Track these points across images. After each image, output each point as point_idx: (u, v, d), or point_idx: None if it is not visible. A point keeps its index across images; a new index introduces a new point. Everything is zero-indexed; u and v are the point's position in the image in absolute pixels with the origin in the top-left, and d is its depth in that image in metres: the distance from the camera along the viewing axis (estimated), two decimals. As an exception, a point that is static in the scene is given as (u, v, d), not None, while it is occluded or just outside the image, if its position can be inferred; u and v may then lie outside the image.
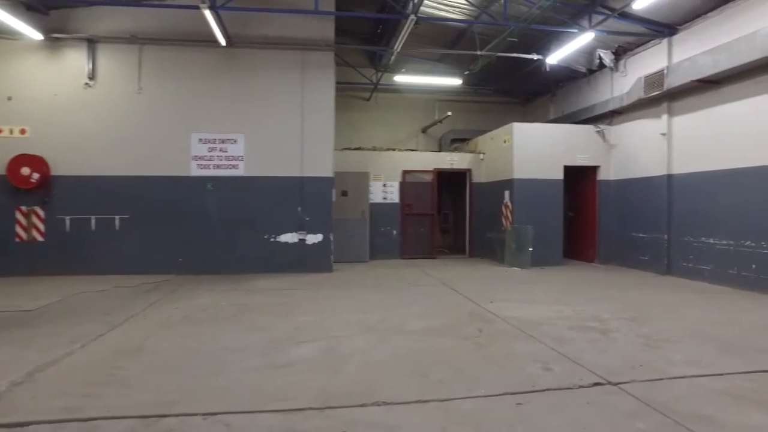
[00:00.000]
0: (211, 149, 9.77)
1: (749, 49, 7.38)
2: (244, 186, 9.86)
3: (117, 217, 9.36)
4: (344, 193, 11.75)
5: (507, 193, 11.05)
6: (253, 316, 6.10)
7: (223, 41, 9.13)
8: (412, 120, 15.20)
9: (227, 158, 9.83)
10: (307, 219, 10.00)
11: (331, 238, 10.09)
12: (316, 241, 10.03)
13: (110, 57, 9.40)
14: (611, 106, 10.66)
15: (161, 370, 4.09)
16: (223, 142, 9.80)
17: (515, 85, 14.23)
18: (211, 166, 9.77)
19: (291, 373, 4.02)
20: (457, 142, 14.92)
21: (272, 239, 9.91)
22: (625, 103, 10.16)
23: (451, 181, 14.61)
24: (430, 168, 12.43)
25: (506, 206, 11.08)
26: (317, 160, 10.02)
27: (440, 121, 13.52)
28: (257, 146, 9.88)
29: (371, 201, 12.16)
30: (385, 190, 12.30)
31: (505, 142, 11.20)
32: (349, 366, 4.22)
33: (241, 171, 9.87)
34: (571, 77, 12.45)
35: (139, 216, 9.44)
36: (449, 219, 15.18)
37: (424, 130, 15.17)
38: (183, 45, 9.55)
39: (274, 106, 9.93)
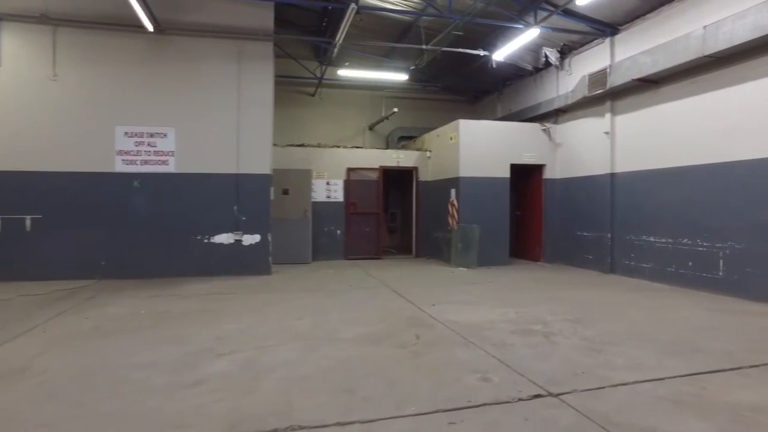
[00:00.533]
0: (139, 144, 9.01)
1: (685, 50, 7.42)
2: (174, 183, 9.16)
3: (28, 217, 8.46)
4: (285, 192, 11.22)
5: (453, 192, 10.84)
6: (172, 326, 5.53)
7: (150, 27, 8.41)
8: (358, 117, 14.81)
9: (156, 153, 9.10)
10: (244, 219, 9.42)
11: (270, 238, 9.55)
12: (253, 242, 9.46)
13: (17, 37, 8.46)
14: (557, 105, 10.63)
15: (41, 395, 3.50)
16: (151, 136, 9.07)
17: (463, 83, 14.10)
18: (138, 162, 9.01)
19: (198, 393, 3.53)
20: (405, 139, 14.66)
21: (206, 240, 9.26)
22: (570, 101, 10.14)
23: (398, 180, 14.31)
24: (376, 166, 12.07)
25: (452, 205, 10.86)
26: (255, 157, 9.46)
27: (387, 118, 13.19)
28: (189, 141, 9.20)
29: (314, 200, 11.68)
30: (329, 189, 11.85)
31: (451, 139, 10.99)
32: (268, 382, 3.76)
33: (171, 167, 9.17)
34: (518, 75, 12.40)
35: (55, 216, 8.57)
36: (397, 218, 14.88)
37: (371, 128, 14.81)
38: (105, 29, 8.74)
39: (208, 99, 9.28)
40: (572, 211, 10.58)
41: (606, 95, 9.28)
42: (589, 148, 10.00)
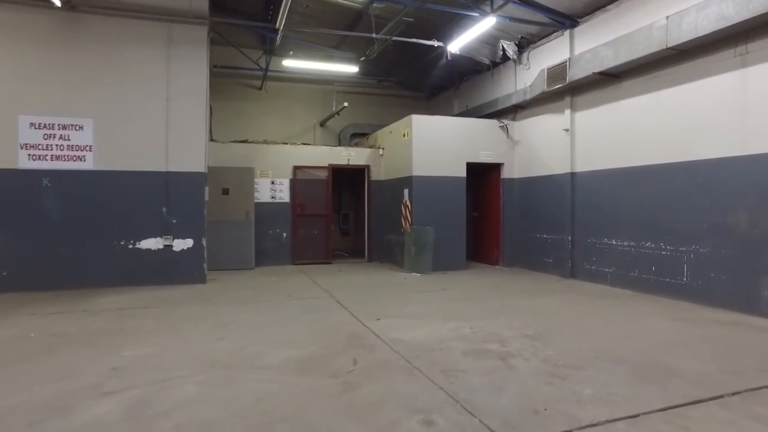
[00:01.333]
0: (48, 136, 7.91)
1: (647, 41, 6.97)
2: (93, 182, 8.10)
3: None
4: (225, 192, 10.28)
5: (406, 192, 10.16)
6: (63, 353, 4.59)
7: (57, 1, 7.35)
8: (308, 112, 13.97)
9: (70, 148, 8.01)
10: (175, 221, 8.44)
11: (204, 243, 8.61)
12: (185, 248, 8.50)
13: None
14: (515, 100, 10.12)
15: None
16: (64, 128, 7.98)
17: (418, 77, 13.47)
18: (48, 157, 7.90)
19: (50, 459, 2.67)
20: (358, 137, 13.91)
21: (130, 246, 8.24)
22: (528, 96, 9.64)
23: (351, 179, 13.59)
24: (325, 164, 11.27)
25: (405, 206, 10.19)
26: (186, 153, 8.50)
27: (337, 113, 12.41)
28: (110, 134, 8.16)
29: (258, 200, 10.78)
30: (274, 189, 10.97)
31: (404, 135, 10.31)
32: (153, 436, 2.94)
33: (89, 164, 8.10)
34: (475, 70, 11.87)
35: (-55, 219, 7.39)
36: (350, 220, 14.13)
37: (322, 124, 14.00)
38: (2, 2, 7.61)
39: (133, 87, 8.26)
40: (531, 213, 10.09)
41: (565, 90, 8.80)
42: (549, 146, 9.53)
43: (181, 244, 8.50)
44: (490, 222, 10.93)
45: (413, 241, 9.75)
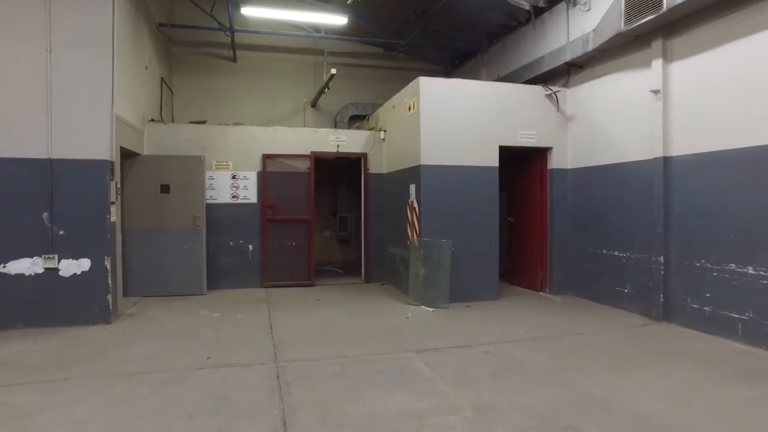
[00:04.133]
0: None
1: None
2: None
3: None
4: (164, 189, 7.48)
5: (413, 188, 7.17)
6: None
7: None
8: (296, 91, 11.09)
9: None
10: (62, 233, 5.69)
11: (109, 264, 5.81)
12: (78, 272, 5.73)
13: None
14: (568, 56, 7.00)
15: None
16: None
17: (433, 40, 10.42)
18: None
19: None
20: (359, 120, 10.97)
21: (-5, 270, 5.53)
22: (591, 47, 6.52)
23: (350, 172, 10.70)
24: (306, 152, 8.34)
25: (412, 207, 7.20)
26: (81, 131, 5.74)
27: (327, 86, 9.46)
28: (-37, 103, 5.46)
29: (213, 201, 7.97)
30: (236, 185, 8.12)
31: (409, 109, 7.32)
32: None
33: (-70, 148, 5.42)
34: (509, 26, 8.78)
35: None
36: (349, 225, 11.19)
37: (313, 104, 11.10)
38: None
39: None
40: (594, 218, 6.97)
41: (655, 29, 5.68)
42: (623, 120, 6.41)
43: (73, 267, 5.72)
44: (532, 230, 7.83)
45: (421, 260, 6.75)
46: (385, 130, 8.66)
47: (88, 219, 5.77)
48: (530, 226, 7.87)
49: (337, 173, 11.00)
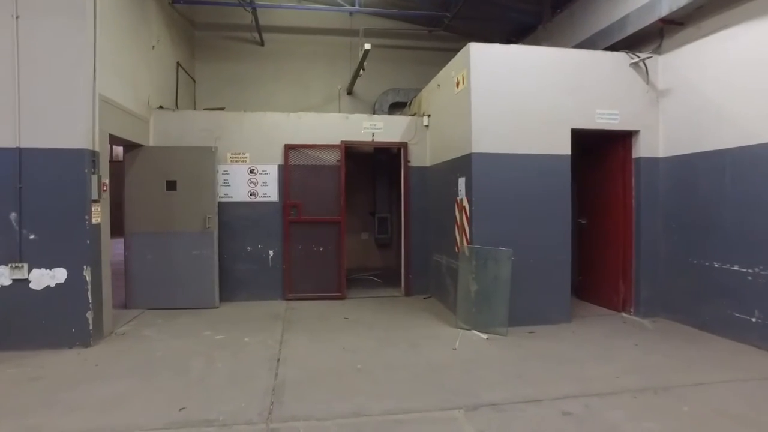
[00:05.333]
0: None
1: None
2: None
3: None
4: (171, 186, 6.46)
5: (462, 183, 5.80)
6: None
7: None
8: (331, 76, 9.94)
9: None
10: (33, 237, 4.72)
11: (88, 275, 4.79)
12: (52, 284, 4.75)
13: None
14: (665, 9, 5.41)
15: None
16: None
17: (487, 11, 8.96)
18: None
19: None
20: (400, 107, 9.68)
21: (-45, 282, 4.62)
22: (698, -6, 4.95)
23: (389, 165, 9.47)
24: (335, 142, 7.12)
25: (461, 206, 5.82)
26: (56, 114, 4.75)
27: (362, 67, 8.20)
28: None
29: (227, 199, 6.89)
30: (254, 180, 7.00)
31: (458, 85, 5.94)
32: None
33: None
34: (577, -12, 7.26)
35: None
36: (389, 226, 9.91)
37: (349, 90, 9.90)
38: None
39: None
40: (700, 220, 5.36)
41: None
42: (739, 92, 4.80)
43: (46, 279, 4.74)
44: (611, 235, 6.27)
45: (473, 272, 5.37)
46: (428, 115, 7.32)
47: (65, 221, 4.77)
48: (609, 230, 6.31)
49: (376, 167, 9.74)
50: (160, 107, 6.91)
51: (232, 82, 9.62)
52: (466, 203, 5.63)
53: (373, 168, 9.79)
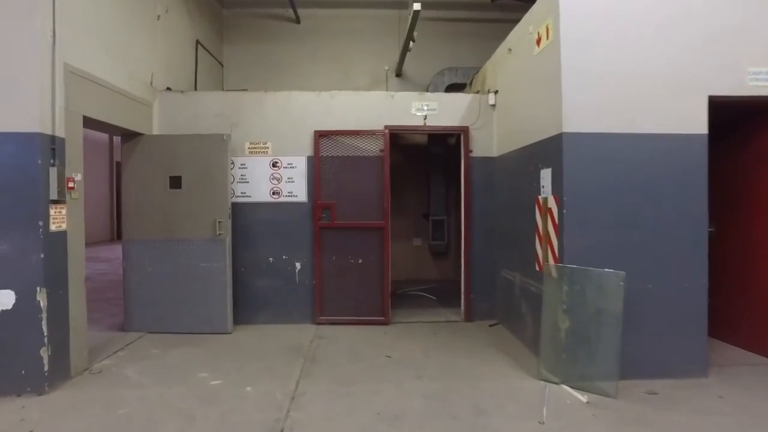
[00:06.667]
0: None
1: None
2: None
3: None
4: (175, 183, 5.26)
5: (547, 176, 4.19)
6: None
7: None
8: (376, 56, 8.56)
9: None
10: (-27, 251, 3.59)
11: (42, 301, 3.61)
12: (-3, 313, 3.61)
13: None
14: None
15: None
16: None
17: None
18: None
19: None
20: (458, 89, 8.10)
21: None
22: None
23: (446, 156, 7.97)
24: (378, 127, 5.69)
25: (545, 209, 4.22)
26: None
27: (412, 39, 6.70)
28: None
29: (245, 199, 5.64)
30: (277, 176, 5.70)
31: (538, 42, 4.34)
32: None
33: None
34: None
35: None
36: (445, 231, 8.37)
37: (398, 72, 8.45)
38: None
39: None
40: None
41: None
42: None
43: (-12, 305, 3.61)
44: (762, 251, 4.45)
45: (564, 303, 3.77)
46: (495, 92, 5.74)
47: (12, 228, 3.61)
48: (758, 241, 4.49)
49: (431, 159, 8.24)
50: (168, 89, 5.75)
51: (264, 65, 8.44)
52: (552, 204, 4.03)
53: (426, 161, 8.30)
